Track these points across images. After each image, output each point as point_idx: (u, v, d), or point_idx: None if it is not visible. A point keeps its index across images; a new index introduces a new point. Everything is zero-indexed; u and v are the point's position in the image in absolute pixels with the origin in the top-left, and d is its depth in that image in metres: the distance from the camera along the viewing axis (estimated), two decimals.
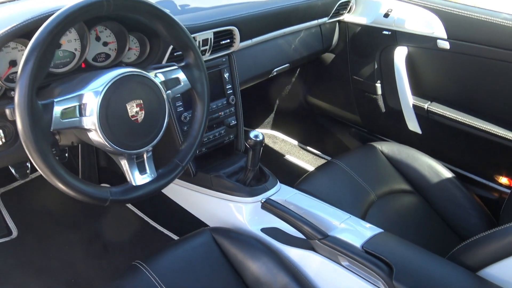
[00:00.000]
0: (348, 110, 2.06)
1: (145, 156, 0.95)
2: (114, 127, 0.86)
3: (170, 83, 0.99)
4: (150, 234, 1.66)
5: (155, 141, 0.94)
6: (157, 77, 0.98)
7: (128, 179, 0.94)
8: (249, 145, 1.24)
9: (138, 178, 0.95)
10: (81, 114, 0.83)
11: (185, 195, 1.42)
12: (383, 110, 1.89)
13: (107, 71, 0.89)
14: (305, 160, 2.22)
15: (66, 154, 1.19)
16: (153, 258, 1.09)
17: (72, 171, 0.84)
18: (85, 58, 1.07)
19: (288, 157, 2.25)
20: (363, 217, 1.35)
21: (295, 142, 2.35)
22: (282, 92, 2.31)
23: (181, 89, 1.01)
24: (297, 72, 2.22)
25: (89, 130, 0.86)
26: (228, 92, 1.44)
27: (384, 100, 1.87)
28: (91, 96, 0.83)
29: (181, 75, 1.02)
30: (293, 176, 1.92)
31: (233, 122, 1.45)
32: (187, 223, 1.46)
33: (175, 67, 1.02)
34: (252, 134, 1.24)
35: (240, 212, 1.26)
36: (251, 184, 1.29)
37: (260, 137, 1.24)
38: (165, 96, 0.96)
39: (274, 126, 2.41)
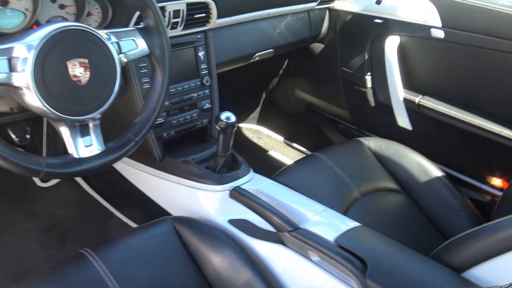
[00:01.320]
0: (336, 104, 2.03)
1: (90, 125, 0.88)
2: (52, 87, 0.80)
3: (124, 45, 0.92)
4: (114, 224, 1.63)
5: (102, 109, 0.88)
6: (110, 38, 0.89)
7: (69, 150, 0.86)
8: (219, 127, 1.19)
9: (82, 150, 0.88)
10: (11, 70, 0.75)
11: (150, 181, 1.40)
12: (373, 104, 1.85)
13: (47, 25, 0.81)
14: (290, 156, 2.20)
15: (28, 136, 1.11)
16: (103, 246, 1.04)
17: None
18: (36, 20, 0.99)
19: (272, 153, 2.24)
20: (344, 214, 1.29)
21: (281, 138, 2.33)
22: (269, 85, 2.29)
23: (137, 53, 0.94)
24: (285, 63, 2.19)
25: (20, 89, 0.78)
26: (202, 72, 1.39)
27: (374, 93, 1.83)
28: (23, 49, 0.77)
29: (139, 39, 0.95)
30: (275, 172, 1.88)
31: (207, 106, 1.41)
32: (151, 212, 1.43)
33: (132, 28, 0.94)
34: (223, 116, 1.19)
35: (207, 201, 1.23)
36: (221, 172, 1.26)
37: (232, 119, 1.19)
38: (116, 59, 0.88)
39: (260, 121, 2.39)
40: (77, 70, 0.82)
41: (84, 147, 0.88)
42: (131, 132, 0.96)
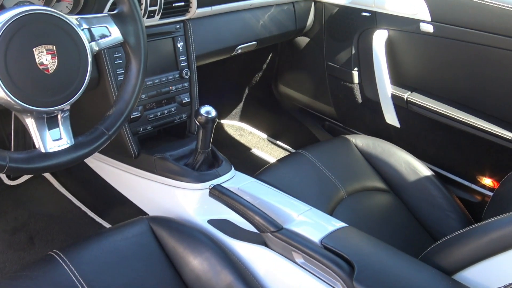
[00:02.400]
0: (322, 101, 2.02)
1: (59, 117, 0.85)
2: (16, 76, 0.77)
3: (96, 32, 0.89)
4: (86, 224, 1.61)
5: (72, 100, 0.86)
6: (81, 24, 0.86)
7: (36, 144, 0.83)
8: (199, 122, 1.18)
9: (49, 144, 0.85)
10: None
11: (125, 179, 1.40)
12: (360, 100, 1.84)
13: (11, 8, 0.77)
14: (274, 154, 2.20)
15: None
16: (73, 247, 1.02)
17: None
18: (1, 4, 0.96)
19: (255, 151, 2.23)
20: (330, 214, 1.30)
21: (264, 136, 2.33)
22: (252, 80, 2.28)
23: (110, 41, 0.91)
24: (269, 57, 2.19)
25: None
26: (181, 64, 1.37)
27: (361, 89, 1.83)
28: None
29: (112, 26, 0.93)
30: (257, 170, 1.89)
31: (186, 100, 1.40)
32: (127, 212, 1.42)
33: (105, 14, 0.91)
34: (203, 110, 1.18)
35: (185, 200, 1.23)
36: (200, 169, 1.26)
37: (213, 114, 1.18)
38: (87, 46, 0.85)
39: (242, 118, 2.39)
40: (44, 57, 0.80)
41: (52, 140, 0.85)
42: (104, 125, 0.94)
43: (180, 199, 1.23)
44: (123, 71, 1.22)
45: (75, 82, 0.86)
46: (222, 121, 2.36)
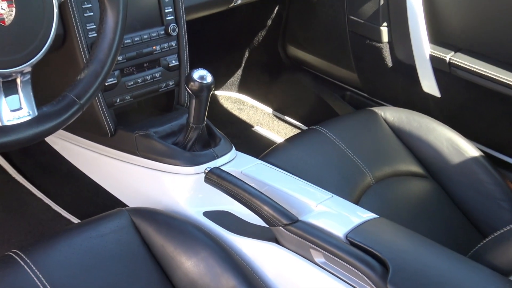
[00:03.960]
0: (342, 65, 2.02)
1: (18, 81, 0.86)
2: None
3: None
4: (50, 219, 1.62)
5: (33, 60, 0.87)
6: None
7: None
8: (191, 90, 1.19)
9: (6, 115, 0.86)
10: None
11: (98, 163, 1.41)
12: (389, 64, 1.84)
13: None
14: (281, 133, 2.20)
15: None
16: (37, 247, 1.04)
17: None
18: None
19: (258, 128, 2.24)
20: (356, 202, 1.32)
21: (269, 110, 2.34)
22: (254, 40, 2.27)
23: None
24: (275, 11, 2.18)
25: None
26: (167, 18, 1.37)
27: (391, 50, 1.83)
28: None
29: None
30: (262, 151, 1.92)
31: (174, 63, 1.41)
32: (101, 204, 1.44)
33: None
34: (196, 75, 1.19)
35: (175, 187, 1.25)
36: (193, 149, 1.27)
37: (208, 79, 1.19)
38: None
39: (242, 88, 2.39)
40: None
41: (10, 111, 0.86)
42: (74, 92, 0.94)
43: (168, 186, 1.24)
44: (94, 27, 1.22)
45: (38, 38, 0.86)
46: (217, 93, 2.36)
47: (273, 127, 2.24)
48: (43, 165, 1.66)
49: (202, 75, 1.18)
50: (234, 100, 2.37)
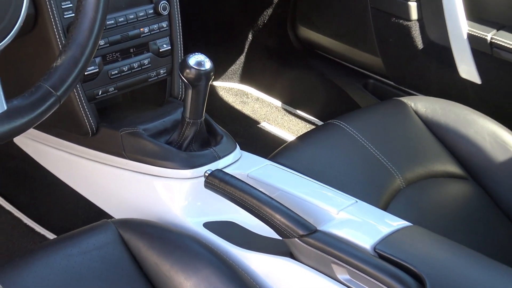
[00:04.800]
0: (363, 48, 2.03)
1: None
2: None
3: None
4: (22, 235, 1.63)
5: (2, 44, 0.88)
6: None
7: None
8: (187, 79, 1.20)
9: None
10: None
11: (77, 168, 1.43)
12: (420, 46, 1.85)
13: None
14: (293, 130, 2.21)
15: None
16: (7, 268, 1.04)
17: None
18: None
19: (265, 125, 2.25)
20: (384, 208, 1.32)
21: (278, 103, 2.35)
22: (258, 20, 2.28)
23: None
24: None
25: None
26: None
27: (422, 29, 1.83)
28: None
29: None
30: (271, 151, 1.93)
31: (165, 47, 1.41)
32: (82, 216, 1.45)
33: None
34: (192, 60, 1.19)
35: (169, 194, 1.26)
36: (190, 149, 1.28)
37: (207, 66, 1.20)
38: None
39: (245, 78, 2.40)
40: None
41: None
42: (49, 82, 0.94)
43: (161, 193, 1.25)
44: (71, 5, 1.23)
45: (5, 19, 0.86)
46: (216, 83, 2.37)
47: (283, 123, 2.24)
48: (11, 171, 1.66)
49: (199, 60, 1.18)
50: (236, 92, 2.37)
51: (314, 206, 1.14)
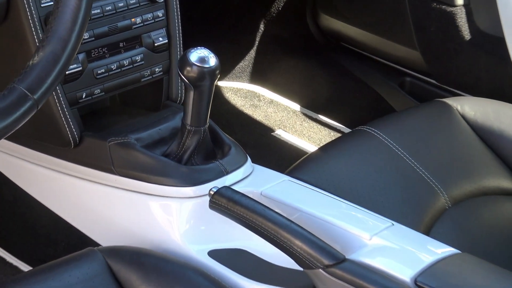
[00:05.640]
0: (398, 40, 2.05)
1: None
2: None
3: None
4: None
5: None
6: None
7: None
8: (188, 78, 1.20)
9: None
10: None
11: (56, 186, 1.44)
12: (467, 36, 1.85)
13: None
14: (314, 139, 2.22)
15: None
16: None
17: None
18: None
19: (281, 133, 2.25)
20: (425, 232, 1.32)
21: (296, 107, 2.35)
22: (271, 8, 2.30)
23: None
24: None
25: None
26: None
27: (470, 16, 1.83)
28: None
29: None
30: (288, 165, 1.93)
31: (161, 41, 1.42)
32: (62, 243, 1.45)
33: None
34: (193, 56, 1.20)
35: (167, 217, 1.27)
36: (192, 162, 1.29)
37: (212, 62, 1.20)
38: None
39: (256, 77, 2.42)
40: None
41: None
42: (25, 83, 0.94)
43: (157, 215, 1.26)
44: None
45: None
46: (221, 84, 2.38)
47: (302, 131, 2.25)
48: None
49: (202, 56, 1.19)
50: (245, 93, 2.38)
51: (342, 231, 1.14)
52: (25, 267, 1.60)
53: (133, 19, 1.37)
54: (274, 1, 2.28)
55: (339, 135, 2.21)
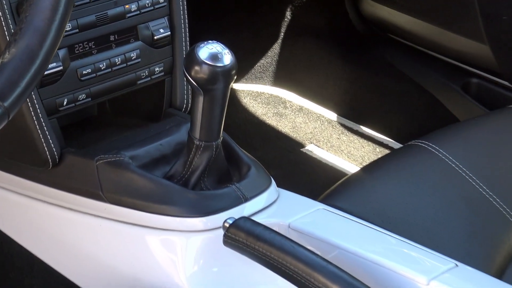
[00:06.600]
0: (461, 31, 2.05)
1: None
2: None
3: None
4: None
5: None
6: None
7: None
8: (196, 80, 1.20)
9: None
10: None
11: (30, 216, 1.45)
12: None
13: None
14: (355, 157, 2.24)
15: None
16: None
17: None
18: None
19: (313, 149, 2.27)
20: (498, 275, 1.32)
21: (331, 115, 2.37)
22: None
23: None
24: None
25: None
26: None
27: None
28: None
29: None
30: (323, 189, 1.92)
31: (163, 33, 1.44)
32: None
33: None
34: (203, 52, 1.19)
35: (170, 256, 1.27)
36: (202, 186, 1.29)
37: (226, 60, 1.20)
38: None
39: (281, 78, 2.44)
40: None
41: None
42: None
43: (158, 254, 1.26)
44: None
45: None
46: (237, 86, 2.40)
47: (340, 146, 2.26)
48: None
49: (214, 52, 1.18)
50: (268, 98, 2.40)
51: (392, 273, 1.14)
52: None
53: (127, 6, 1.38)
54: None
55: (386, 151, 2.22)
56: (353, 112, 2.35)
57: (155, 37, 1.41)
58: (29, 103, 1.28)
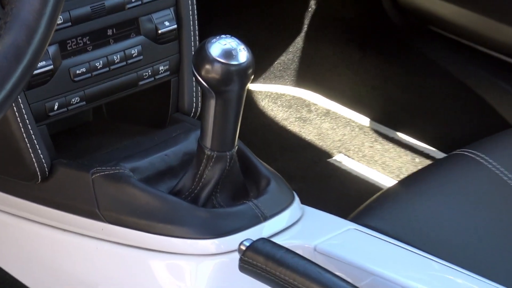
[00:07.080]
0: None
1: None
2: None
3: None
4: None
5: None
6: None
7: None
8: (207, 81, 1.20)
9: None
10: None
11: (17, 238, 1.46)
12: None
13: None
14: (391, 168, 2.25)
15: None
16: None
17: None
18: None
19: (343, 160, 2.28)
20: None
21: (363, 120, 2.38)
22: None
23: None
24: None
25: None
26: None
27: None
28: None
29: None
30: (354, 206, 1.92)
31: (168, 26, 1.45)
32: None
33: None
34: (215, 49, 1.20)
35: (177, 283, 1.28)
36: (214, 203, 1.30)
37: (241, 58, 1.20)
38: None
39: (304, 78, 2.45)
40: None
41: None
42: None
43: (163, 281, 1.27)
44: None
45: None
46: (254, 87, 2.41)
47: (373, 156, 2.27)
48: None
49: (228, 48, 1.19)
50: (289, 101, 2.41)
51: None
52: None
53: None
54: None
55: (427, 162, 2.22)
56: (388, 117, 2.36)
57: (159, 31, 1.43)
58: (15, 108, 1.28)
